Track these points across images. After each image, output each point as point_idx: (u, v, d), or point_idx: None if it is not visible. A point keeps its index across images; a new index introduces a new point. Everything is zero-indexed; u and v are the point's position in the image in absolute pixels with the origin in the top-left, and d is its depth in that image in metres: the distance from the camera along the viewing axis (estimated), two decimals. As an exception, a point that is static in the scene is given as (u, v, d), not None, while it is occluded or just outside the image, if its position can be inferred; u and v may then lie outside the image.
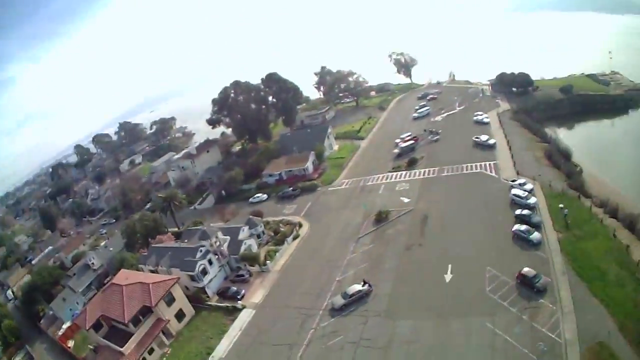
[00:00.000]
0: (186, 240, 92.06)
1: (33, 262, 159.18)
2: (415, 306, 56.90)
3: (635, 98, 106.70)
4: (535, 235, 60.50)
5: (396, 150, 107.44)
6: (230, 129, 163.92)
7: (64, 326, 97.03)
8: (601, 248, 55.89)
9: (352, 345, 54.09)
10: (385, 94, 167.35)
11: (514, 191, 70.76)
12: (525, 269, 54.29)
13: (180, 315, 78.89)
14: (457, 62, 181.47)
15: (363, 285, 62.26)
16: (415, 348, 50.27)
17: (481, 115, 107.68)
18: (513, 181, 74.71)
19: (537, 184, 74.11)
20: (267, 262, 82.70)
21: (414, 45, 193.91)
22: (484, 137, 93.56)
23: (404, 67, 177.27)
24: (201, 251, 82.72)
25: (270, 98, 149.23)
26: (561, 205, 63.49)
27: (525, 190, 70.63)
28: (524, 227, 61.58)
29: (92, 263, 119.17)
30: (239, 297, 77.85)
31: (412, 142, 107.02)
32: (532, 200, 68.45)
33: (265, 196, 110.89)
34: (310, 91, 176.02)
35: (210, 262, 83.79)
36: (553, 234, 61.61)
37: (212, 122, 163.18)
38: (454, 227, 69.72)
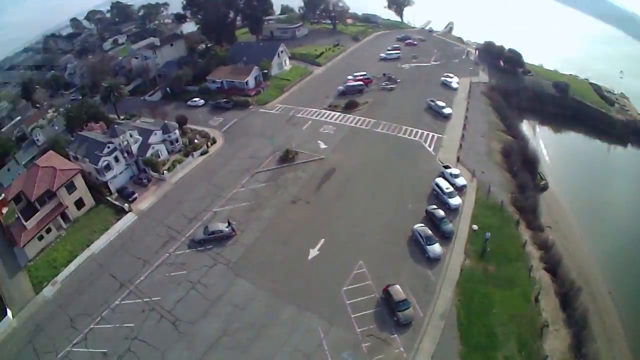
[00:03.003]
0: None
1: (3, 129, 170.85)
2: (263, 271, 56.33)
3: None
4: (435, 249, 51.32)
5: (341, 87, 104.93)
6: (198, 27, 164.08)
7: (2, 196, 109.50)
8: (510, 307, 44.34)
9: (188, 285, 57.73)
10: (368, 25, 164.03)
11: (439, 180, 62.18)
12: (396, 287, 46.12)
13: (79, 204, 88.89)
14: (460, 16, 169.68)
15: (227, 227, 64.82)
16: (237, 314, 51.12)
17: (451, 78, 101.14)
18: (446, 167, 66.32)
19: (473, 183, 64.61)
20: (165, 171, 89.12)
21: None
22: (440, 103, 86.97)
23: (396, 3, 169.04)
24: (108, 147, 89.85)
25: (240, 2, 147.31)
26: (487, 233, 52.94)
27: (453, 185, 61.76)
28: (426, 232, 53.08)
29: (37, 139, 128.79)
30: (130, 199, 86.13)
31: (361, 83, 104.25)
32: (456, 200, 59.12)
33: (202, 102, 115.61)
34: (294, 4, 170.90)
35: (116, 159, 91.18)
36: (459, 256, 51.73)
37: (179, 17, 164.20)
38: (353, 196, 66.66)
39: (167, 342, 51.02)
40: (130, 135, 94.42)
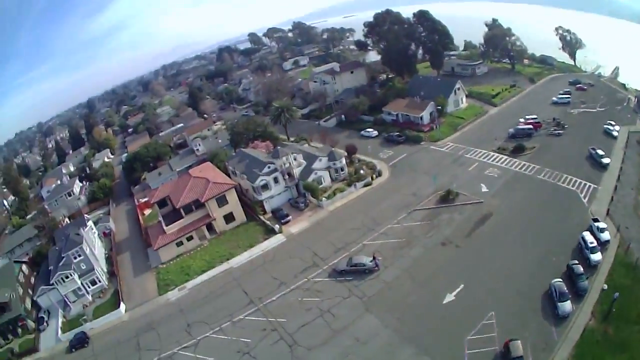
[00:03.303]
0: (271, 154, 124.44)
1: (161, 134, 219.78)
2: (394, 309, 70.23)
3: None
4: (565, 307, 61.62)
5: (512, 130, 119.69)
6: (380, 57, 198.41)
7: (144, 199, 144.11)
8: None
9: (317, 312, 73.99)
10: (544, 67, 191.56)
11: (586, 234, 73.36)
12: (517, 343, 56.36)
13: (229, 218, 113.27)
14: (627, 61, 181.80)
15: (371, 261, 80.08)
16: (356, 348, 64.88)
17: (613, 126, 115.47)
18: (595, 220, 77.80)
19: (616, 238, 74.87)
20: (323, 198, 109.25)
21: (589, 24, 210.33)
22: (600, 152, 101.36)
23: (569, 46, 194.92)
24: (269, 167, 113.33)
25: (422, 35, 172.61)
26: (616, 293, 60.65)
27: (597, 239, 72.75)
28: (561, 288, 63.75)
29: (197, 149, 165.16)
30: (282, 221, 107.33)
31: (531, 127, 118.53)
32: (597, 256, 69.62)
33: (375, 133, 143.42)
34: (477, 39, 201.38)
35: (275, 180, 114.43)
36: (585, 316, 61.74)
37: (359, 45, 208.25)
38: (503, 243, 79.24)
39: None
40: (295, 159, 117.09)
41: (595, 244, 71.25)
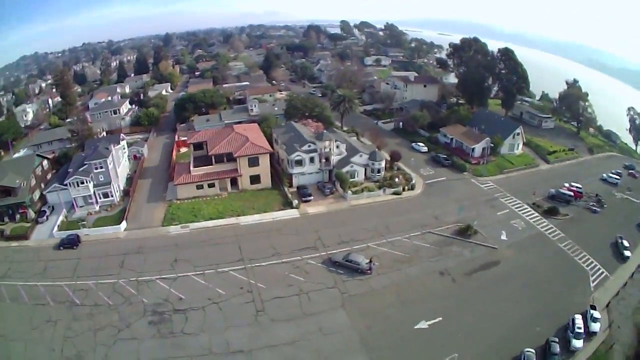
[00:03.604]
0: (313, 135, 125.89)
1: (225, 85, 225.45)
2: (366, 315, 71.39)
3: None
4: None
5: (552, 191, 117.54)
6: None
7: (184, 138, 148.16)
8: None
9: (295, 290, 77.12)
10: (606, 142, 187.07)
11: (577, 317, 71.31)
12: None
13: (255, 179, 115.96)
14: None
15: (367, 263, 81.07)
16: (315, 337, 66.97)
17: None
18: (592, 307, 75.08)
19: (604, 334, 72.58)
20: (349, 191, 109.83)
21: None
22: (625, 243, 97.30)
23: (636, 130, 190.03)
24: (309, 146, 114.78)
25: (501, 72, 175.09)
26: None
27: (587, 327, 70.84)
28: (530, 359, 63.09)
29: (252, 109, 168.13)
30: (304, 199, 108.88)
31: (572, 194, 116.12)
32: (579, 344, 68.05)
33: (425, 149, 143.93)
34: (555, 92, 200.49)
35: (311, 160, 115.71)
36: None
37: (440, 63, 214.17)
38: (496, 294, 77.97)
39: (230, 322, 70.00)
40: (337, 147, 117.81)
41: (582, 330, 69.56)
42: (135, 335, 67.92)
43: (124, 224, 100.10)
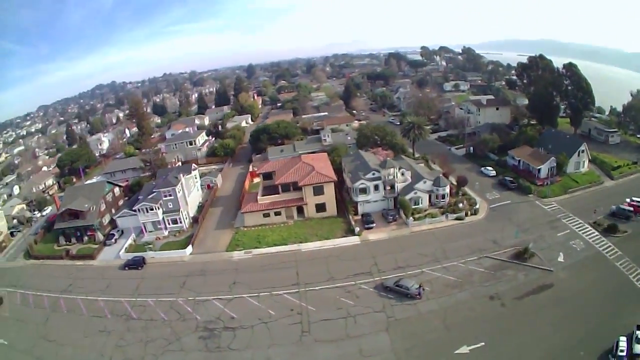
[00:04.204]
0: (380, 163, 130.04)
1: (303, 116, 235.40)
2: (409, 339, 73.55)
3: None
4: None
5: (613, 207, 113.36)
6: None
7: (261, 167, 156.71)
8: None
9: (343, 313, 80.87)
10: None
11: (622, 340, 69.50)
12: None
13: (320, 208, 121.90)
14: None
15: (417, 288, 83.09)
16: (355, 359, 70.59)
17: None
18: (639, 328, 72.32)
19: None
20: (412, 218, 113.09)
21: None
22: None
23: None
24: (373, 174, 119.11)
25: (567, 89, 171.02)
26: None
27: (631, 349, 68.83)
28: None
29: (325, 139, 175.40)
30: (366, 226, 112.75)
31: (632, 209, 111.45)
32: None
33: (493, 173, 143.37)
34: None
35: (376, 188, 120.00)
36: None
37: (510, 84, 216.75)
38: (545, 318, 77.01)
39: (275, 341, 75.48)
40: (402, 174, 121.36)
41: (624, 353, 67.00)
42: (183, 348, 75.86)
43: (189, 249, 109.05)
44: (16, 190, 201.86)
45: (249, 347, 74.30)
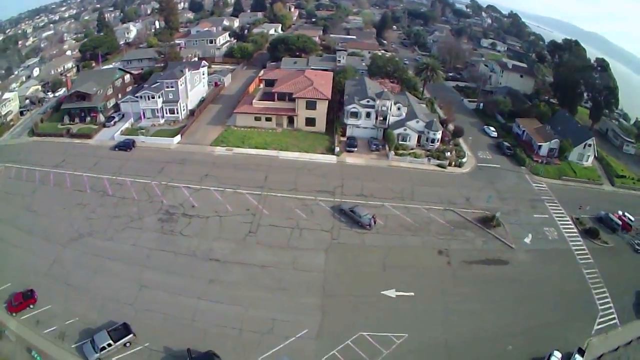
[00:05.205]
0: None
1: (331, 35, 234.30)
2: (348, 264, 76.04)
3: None
4: None
5: (602, 213, 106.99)
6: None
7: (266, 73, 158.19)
8: None
9: (292, 223, 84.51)
10: None
11: (556, 354, 65.76)
12: None
13: (310, 122, 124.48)
14: None
15: (369, 218, 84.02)
16: (286, 270, 74.10)
17: None
18: (579, 351, 67.84)
19: None
20: (391, 152, 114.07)
21: None
22: None
23: None
24: (368, 101, 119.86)
25: (595, 82, 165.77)
26: None
27: None
28: None
29: (339, 60, 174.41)
30: (347, 148, 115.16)
31: (619, 222, 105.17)
32: None
33: (495, 134, 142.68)
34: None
35: (367, 115, 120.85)
36: None
37: (539, 57, 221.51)
38: (488, 295, 74.72)
39: (222, 235, 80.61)
40: (398, 108, 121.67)
41: None
42: (142, 227, 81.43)
43: (177, 138, 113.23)
44: (36, 72, 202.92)
45: (198, 236, 79.27)
